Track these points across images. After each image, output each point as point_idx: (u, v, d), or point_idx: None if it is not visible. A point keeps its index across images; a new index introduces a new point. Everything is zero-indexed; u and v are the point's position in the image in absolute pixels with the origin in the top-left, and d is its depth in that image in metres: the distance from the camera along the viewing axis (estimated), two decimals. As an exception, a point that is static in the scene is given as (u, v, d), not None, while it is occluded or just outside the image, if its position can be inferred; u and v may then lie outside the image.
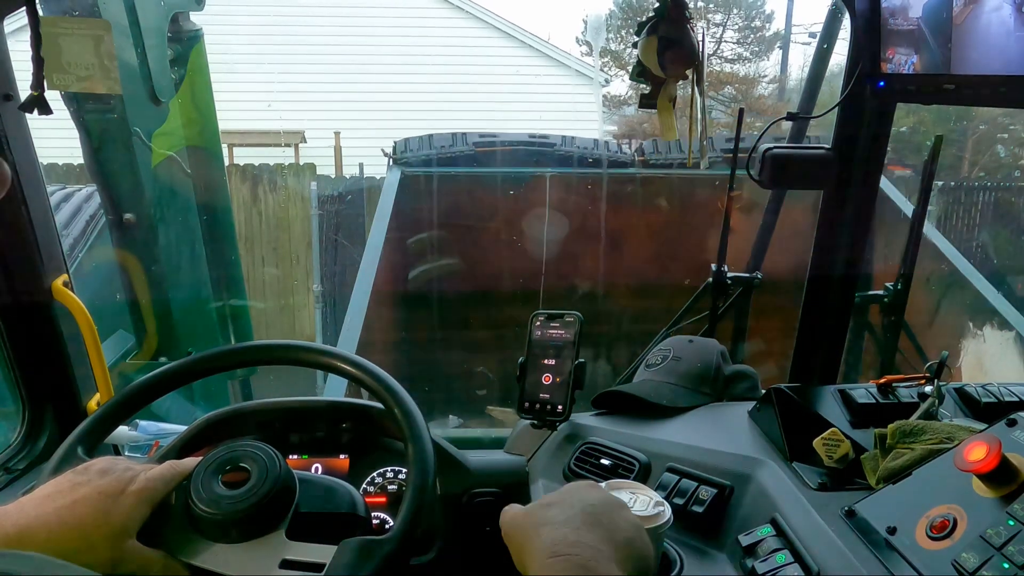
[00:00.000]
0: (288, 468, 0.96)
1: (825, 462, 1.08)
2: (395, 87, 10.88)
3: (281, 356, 1.21)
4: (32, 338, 1.38)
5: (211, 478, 0.92)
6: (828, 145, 1.48)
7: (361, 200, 8.02)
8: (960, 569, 0.80)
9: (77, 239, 3.22)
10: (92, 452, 1.03)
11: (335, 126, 10.76)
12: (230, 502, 0.90)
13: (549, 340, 1.38)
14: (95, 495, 0.76)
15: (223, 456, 0.95)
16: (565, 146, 5.09)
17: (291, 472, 0.96)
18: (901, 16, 1.14)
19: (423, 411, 1.08)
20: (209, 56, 2.91)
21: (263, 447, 0.95)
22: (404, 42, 11.00)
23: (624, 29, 15.20)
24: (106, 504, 0.76)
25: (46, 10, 1.19)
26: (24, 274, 1.33)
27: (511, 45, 11.94)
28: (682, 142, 5.22)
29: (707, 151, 1.46)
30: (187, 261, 2.97)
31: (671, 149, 5.07)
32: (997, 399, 1.22)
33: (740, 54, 17.12)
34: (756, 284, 2.42)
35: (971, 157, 13.71)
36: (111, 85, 1.22)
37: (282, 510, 0.93)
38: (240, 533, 0.91)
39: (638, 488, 0.98)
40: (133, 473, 0.82)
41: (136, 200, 2.59)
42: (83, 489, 0.76)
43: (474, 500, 1.32)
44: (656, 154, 5.06)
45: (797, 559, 0.93)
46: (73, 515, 0.73)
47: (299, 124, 10.62)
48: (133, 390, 1.10)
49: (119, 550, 0.76)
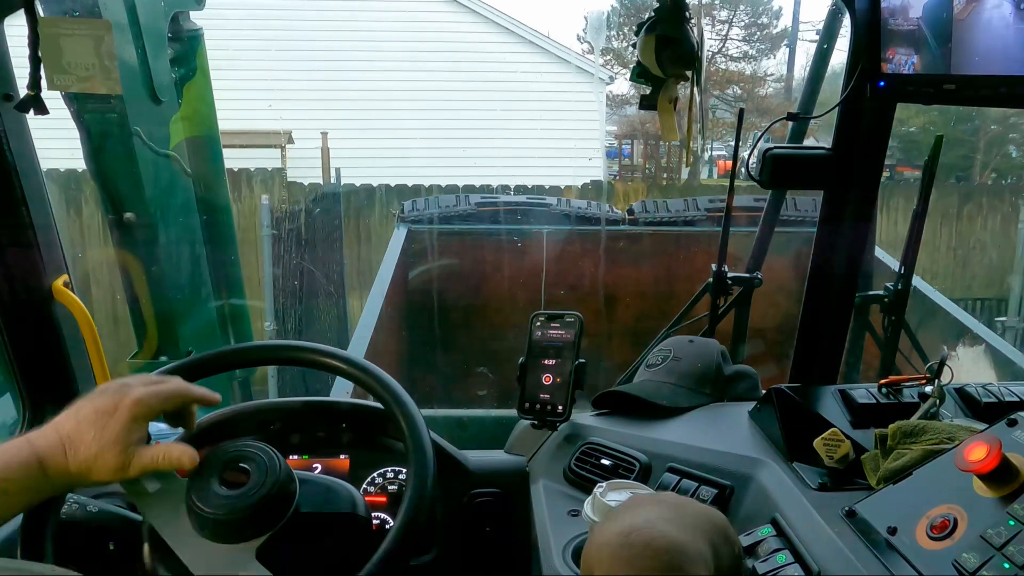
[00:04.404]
0: (288, 468, 0.96)
1: (825, 462, 1.08)
2: (389, 84, 10.56)
3: (282, 356, 1.21)
4: (33, 338, 1.38)
5: (211, 478, 0.92)
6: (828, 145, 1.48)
7: (336, 212, 7.28)
8: (961, 569, 0.80)
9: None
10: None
11: (323, 126, 10.40)
12: (230, 502, 0.90)
13: (549, 340, 1.38)
14: (92, 413, 0.89)
15: (223, 456, 0.95)
16: (560, 206, 5.59)
17: (291, 472, 0.96)
18: (901, 16, 1.14)
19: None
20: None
21: (263, 447, 0.96)
22: (399, 37, 10.66)
23: (626, 26, 15.08)
24: (102, 420, 0.88)
25: (47, 10, 1.19)
26: (24, 274, 1.33)
27: (510, 41, 11.66)
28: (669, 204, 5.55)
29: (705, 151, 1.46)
30: (187, 260, 2.97)
31: (658, 209, 5.53)
32: (998, 399, 1.22)
33: (746, 52, 16.94)
34: (756, 284, 2.41)
35: (982, 158, 13.65)
36: (111, 86, 1.22)
37: (282, 510, 0.93)
38: (240, 533, 0.91)
39: (639, 488, 0.98)
40: (126, 391, 0.91)
41: (136, 199, 2.59)
42: (84, 409, 0.89)
43: (474, 500, 1.32)
44: (644, 213, 5.51)
45: (797, 559, 0.93)
46: (79, 432, 0.87)
47: (286, 124, 10.23)
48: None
49: (125, 456, 0.88)
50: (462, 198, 5.47)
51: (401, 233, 5.20)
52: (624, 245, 5.38)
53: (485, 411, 3.46)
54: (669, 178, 13.63)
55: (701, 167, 14.31)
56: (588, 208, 5.67)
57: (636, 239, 5.38)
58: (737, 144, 2.01)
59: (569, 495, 1.26)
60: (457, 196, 5.52)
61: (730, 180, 2.28)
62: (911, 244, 1.83)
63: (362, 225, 8.66)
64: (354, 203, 8.50)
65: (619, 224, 5.48)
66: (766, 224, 2.69)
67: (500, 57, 11.38)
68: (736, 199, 2.18)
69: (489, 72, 11.17)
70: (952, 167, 13.55)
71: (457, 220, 5.34)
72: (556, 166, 10.42)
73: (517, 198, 5.77)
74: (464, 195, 5.54)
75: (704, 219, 5.23)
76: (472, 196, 5.52)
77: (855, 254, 1.51)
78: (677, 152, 13.32)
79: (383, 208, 8.74)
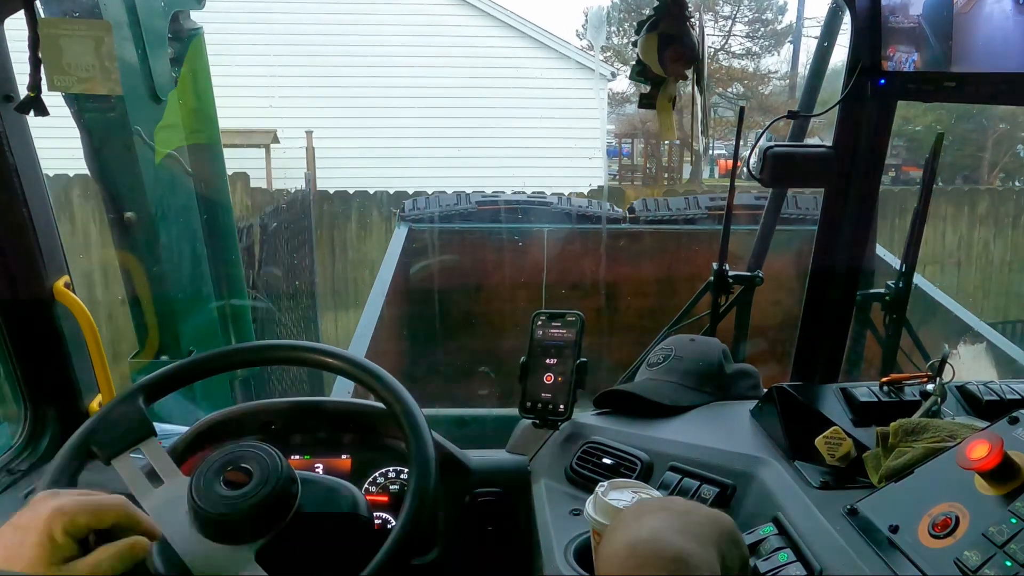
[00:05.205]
0: (290, 468, 0.96)
1: (827, 461, 1.08)
2: (381, 81, 10.10)
3: (283, 356, 1.21)
4: (34, 339, 1.38)
5: (213, 478, 0.92)
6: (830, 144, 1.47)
7: (304, 225, 6.38)
8: (962, 567, 0.80)
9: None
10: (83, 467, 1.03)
11: (309, 124, 9.85)
12: (232, 502, 0.90)
13: (551, 340, 1.38)
14: (8, 530, 0.80)
15: (225, 457, 0.95)
16: (561, 204, 5.58)
17: (293, 472, 0.96)
18: (902, 14, 1.14)
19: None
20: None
21: (265, 447, 0.96)
22: (392, 31, 10.23)
23: (627, 22, 14.93)
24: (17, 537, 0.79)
25: (47, 11, 1.19)
26: (25, 275, 1.33)
27: (508, 35, 11.23)
28: (670, 202, 5.58)
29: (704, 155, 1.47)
30: (188, 260, 2.97)
31: (659, 207, 5.51)
32: (999, 397, 1.22)
33: (749, 49, 16.74)
34: (758, 283, 2.41)
35: (990, 157, 13.52)
36: (112, 86, 1.23)
37: (284, 510, 0.93)
38: (242, 533, 0.91)
39: (640, 487, 0.98)
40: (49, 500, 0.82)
41: (137, 199, 2.59)
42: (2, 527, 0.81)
43: (476, 500, 1.32)
44: (645, 211, 5.50)
45: (799, 558, 0.93)
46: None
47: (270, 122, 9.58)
48: (135, 389, 1.10)
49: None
50: (463, 197, 5.47)
51: (402, 232, 5.21)
52: (625, 244, 5.38)
53: (487, 410, 3.47)
54: (670, 178, 13.57)
55: (703, 166, 14.21)
56: (589, 207, 5.67)
57: (637, 237, 5.39)
58: (738, 143, 2.01)
59: (571, 494, 1.26)
60: (458, 195, 5.51)
61: (731, 179, 2.28)
62: (912, 242, 1.82)
63: (337, 236, 8.18)
64: (327, 211, 8.01)
65: (620, 223, 5.48)
66: (767, 222, 2.68)
67: (497, 52, 10.97)
68: (737, 197, 2.18)
69: (486, 68, 10.77)
70: (959, 166, 13.41)
71: (458, 219, 5.34)
72: (555, 166, 10.14)
73: (518, 196, 5.72)
74: (464, 194, 5.53)
75: (705, 217, 5.22)
76: (472, 195, 5.52)
77: (856, 252, 1.51)
78: (678, 151, 13.25)
79: (363, 216, 8.25)
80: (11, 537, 0.78)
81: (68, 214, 6.75)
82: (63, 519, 0.79)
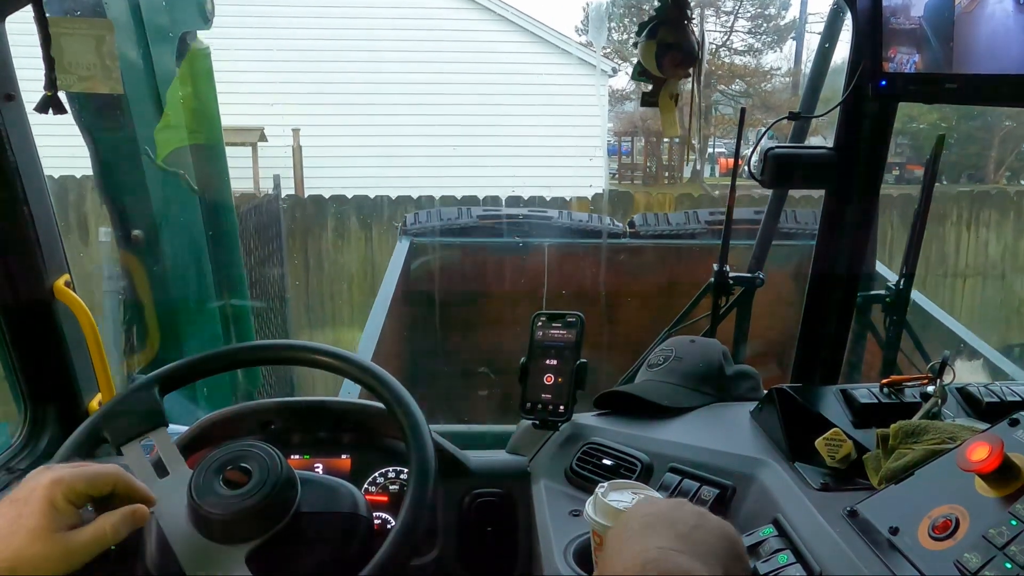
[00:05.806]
0: (289, 468, 0.96)
1: (827, 462, 1.08)
2: (374, 77, 9.70)
3: (283, 356, 1.21)
4: (34, 338, 1.38)
5: (212, 478, 0.92)
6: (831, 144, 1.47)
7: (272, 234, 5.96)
8: (962, 569, 0.80)
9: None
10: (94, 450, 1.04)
11: (296, 121, 9.40)
12: (231, 501, 0.90)
13: (551, 341, 1.38)
14: (6, 503, 0.81)
15: (225, 456, 0.95)
16: (561, 218, 5.66)
17: (292, 472, 0.96)
18: (903, 15, 1.14)
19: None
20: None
21: (264, 447, 0.96)
22: (387, 25, 9.82)
23: (627, 17, 14.77)
24: (16, 508, 0.80)
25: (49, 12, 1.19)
26: (26, 274, 1.34)
27: (506, 30, 10.80)
28: (670, 217, 5.60)
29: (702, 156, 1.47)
30: (192, 271, 2.98)
31: (659, 221, 5.59)
32: (1000, 399, 1.22)
33: (751, 45, 16.50)
34: (758, 284, 2.41)
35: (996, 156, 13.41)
36: (113, 85, 1.23)
37: (283, 510, 0.94)
38: (236, 533, 0.91)
39: (640, 488, 0.98)
40: (45, 473, 0.83)
41: (143, 213, 2.62)
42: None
43: (476, 500, 1.32)
44: (646, 226, 5.57)
45: (799, 559, 0.93)
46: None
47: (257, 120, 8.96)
48: (151, 379, 1.11)
49: (55, 545, 0.79)
50: (464, 211, 5.55)
51: (404, 246, 5.26)
52: (626, 258, 5.43)
53: (488, 427, 3.49)
54: (671, 176, 13.52)
55: (704, 165, 14.13)
56: (589, 221, 5.74)
57: (638, 252, 5.44)
58: (739, 143, 2.01)
59: (570, 495, 1.26)
60: (459, 209, 5.60)
61: (732, 179, 2.28)
62: (913, 244, 1.83)
63: (311, 247, 7.34)
64: (301, 218, 7.24)
65: (620, 237, 5.54)
66: (768, 224, 2.68)
67: (496, 47, 10.61)
68: (737, 212, 2.19)
69: (484, 64, 10.39)
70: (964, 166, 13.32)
71: (459, 233, 5.39)
72: (555, 166, 9.91)
73: (519, 211, 5.83)
74: (466, 208, 5.62)
75: (705, 232, 5.30)
76: (474, 209, 5.62)
77: (857, 254, 1.51)
78: (679, 150, 13.19)
79: (340, 224, 7.47)
80: (10, 510, 0.79)
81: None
82: (62, 486, 0.80)
